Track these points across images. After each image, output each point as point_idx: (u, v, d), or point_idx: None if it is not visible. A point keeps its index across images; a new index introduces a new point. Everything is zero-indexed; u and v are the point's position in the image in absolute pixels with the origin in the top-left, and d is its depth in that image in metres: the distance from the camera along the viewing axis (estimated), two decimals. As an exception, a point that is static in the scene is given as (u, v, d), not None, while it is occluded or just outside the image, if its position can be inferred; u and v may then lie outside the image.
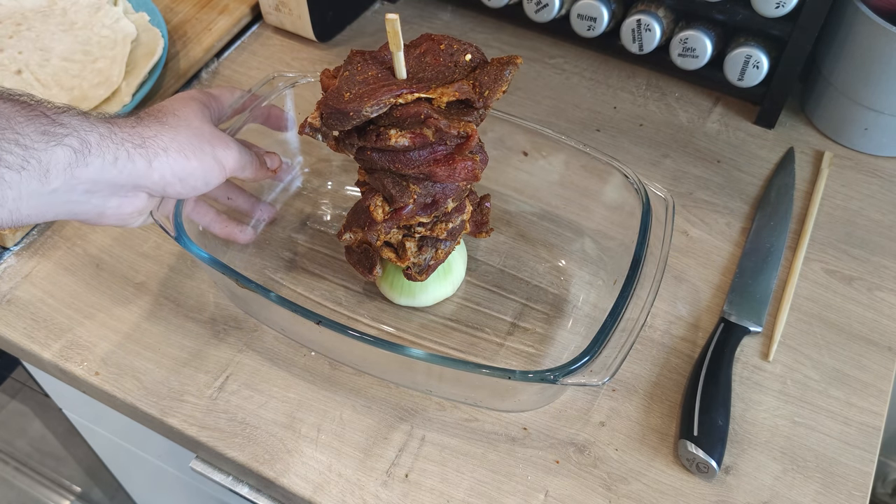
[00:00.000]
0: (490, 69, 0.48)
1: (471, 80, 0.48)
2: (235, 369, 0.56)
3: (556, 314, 0.59)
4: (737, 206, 0.66)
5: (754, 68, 0.67)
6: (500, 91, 0.47)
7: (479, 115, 0.48)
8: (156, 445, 0.77)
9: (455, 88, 0.46)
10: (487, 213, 0.58)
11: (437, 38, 0.49)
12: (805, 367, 0.57)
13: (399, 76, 0.47)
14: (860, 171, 0.69)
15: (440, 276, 0.57)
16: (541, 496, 0.51)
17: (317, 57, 0.78)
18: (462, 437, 0.53)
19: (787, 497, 0.51)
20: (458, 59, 0.48)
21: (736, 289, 0.60)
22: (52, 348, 0.57)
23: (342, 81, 0.47)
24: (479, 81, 0.47)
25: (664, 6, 0.70)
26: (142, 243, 0.63)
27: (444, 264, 0.57)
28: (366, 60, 0.48)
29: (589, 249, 0.61)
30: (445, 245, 0.54)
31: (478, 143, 0.51)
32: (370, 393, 0.55)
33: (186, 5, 0.80)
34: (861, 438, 0.53)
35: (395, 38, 0.45)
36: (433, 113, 0.46)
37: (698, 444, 0.50)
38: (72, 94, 0.66)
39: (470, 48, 0.49)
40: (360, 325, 0.58)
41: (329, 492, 0.51)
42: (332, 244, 0.63)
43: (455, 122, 0.46)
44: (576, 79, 0.77)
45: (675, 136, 0.72)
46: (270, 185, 0.64)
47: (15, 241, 0.62)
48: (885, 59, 0.63)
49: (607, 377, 0.46)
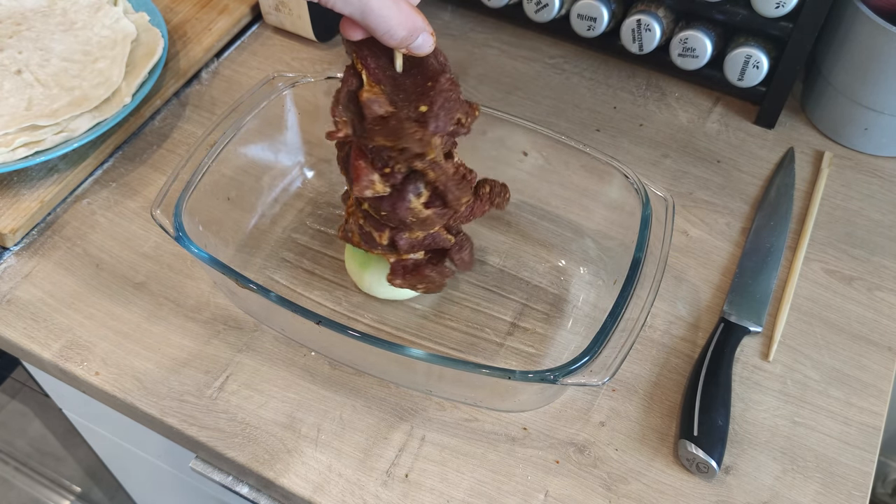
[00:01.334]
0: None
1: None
2: (235, 369, 0.56)
3: (556, 314, 0.59)
4: (737, 206, 0.66)
5: (754, 68, 0.67)
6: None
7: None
8: (155, 445, 0.77)
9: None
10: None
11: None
12: (805, 367, 0.57)
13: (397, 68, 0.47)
14: (860, 171, 0.69)
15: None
16: (541, 496, 0.51)
17: (317, 57, 0.78)
18: (462, 437, 0.53)
19: (787, 497, 0.51)
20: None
21: (736, 289, 0.60)
22: (52, 348, 0.57)
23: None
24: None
25: (664, 6, 0.70)
26: (142, 243, 0.63)
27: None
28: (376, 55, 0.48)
29: (589, 249, 0.61)
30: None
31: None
32: (370, 393, 0.55)
33: (186, 5, 0.80)
34: (861, 438, 0.53)
35: None
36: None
37: (698, 444, 0.50)
38: (72, 94, 0.66)
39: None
40: (360, 325, 0.58)
41: (329, 492, 0.51)
42: (332, 244, 0.63)
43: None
44: (576, 79, 0.77)
45: (675, 136, 0.72)
46: (271, 184, 0.64)
47: (15, 241, 0.62)
48: (885, 59, 0.63)
49: (607, 377, 0.46)
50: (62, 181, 0.65)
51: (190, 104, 0.73)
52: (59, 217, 0.65)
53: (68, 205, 0.65)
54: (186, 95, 0.74)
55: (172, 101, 0.73)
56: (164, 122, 0.72)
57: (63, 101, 0.66)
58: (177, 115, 0.72)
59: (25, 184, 0.64)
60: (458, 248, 0.55)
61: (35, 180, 0.65)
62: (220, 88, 0.75)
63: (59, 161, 0.66)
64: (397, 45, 0.43)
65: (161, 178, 0.67)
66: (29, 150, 0.63)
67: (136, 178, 0.67)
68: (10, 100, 0.66)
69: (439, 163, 0.47)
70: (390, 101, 0.46)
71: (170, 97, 0.73)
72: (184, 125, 0.71)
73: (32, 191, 0.64)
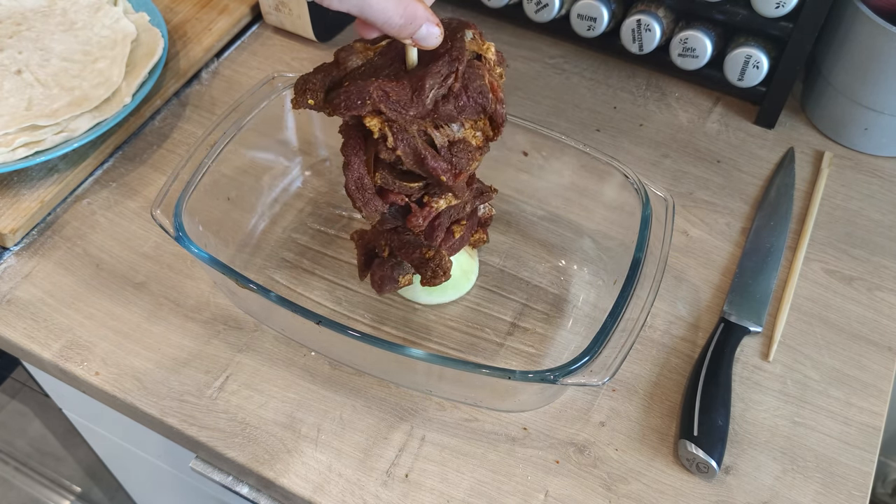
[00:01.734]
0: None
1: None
2: (235, 369, 0.56)
3: (556, 314, 0.59)
4: (737, 206, 0.66)
5: (754, 68, 0.67)
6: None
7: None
8: (155, 445, 0.77)
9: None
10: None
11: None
12: (805, 367, 0.57)
13: (409, 63, 0.46)
14: (860, 171, 0.69)
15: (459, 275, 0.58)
16: (541, 496, 0.51)
17: (317, 57, 0.78)
18: (462, 437, 0.53)
19: (787, 497, 0.51)
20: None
21: (736, 289, 0.60)
22: (52, 348, 0.57)
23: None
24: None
25: (664, 6, 0.70)
26: (142, 243, 0.63)
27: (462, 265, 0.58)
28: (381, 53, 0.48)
29: (589, 249, 0.61)
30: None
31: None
32: (370, 393, 0.55)
33: (186, 5, 0.80)
34: (861, 438, 0.53)
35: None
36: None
37: (698, 444, 0.50)
38: (72, 95, 0.66)
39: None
40: (360, 325, 0.58)
41: (329, 492, 0.51)
42: (333, 244, 0.63)
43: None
44: (576, 79, 0.77)
45: (675, 136, 0.72)
46: (271, 184, 0.64)
47: (15, 241, 0.62)
48: (885, 59, 0.63)
49: (607, 377, 0.46)
50: (62, 181, 0.65)
51: (190, 104, 0.73)
52: (59, 217, 0.65)
53: (68, 205, 0.65)
54: (186, 95, 0.74)
55: (172, 101, 0.73)
56: (164, 122, 0.72)
57: (63, 101, 0.66)
58: (177, 115, 0.72)
59: (25, 184, 0.64)
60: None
61: (35, 180, 0.65)
62: (220, 88, 0.75)
63: (59, 161, 0.66)
64: (397, 33, 0.43)
65: (161, 178, 0.67)
66: (29, 150, 0.63)
67: (136, 178, 0.67)
68: (10, 100, 0.66)
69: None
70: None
71: (170, 97, 0.73)
72: (184, 125, 0.71)
73: (32, 191, 0.64)
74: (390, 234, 0.53)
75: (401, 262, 0.55)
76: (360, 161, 0.47)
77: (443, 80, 0.45)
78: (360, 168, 0.47)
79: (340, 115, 0.45)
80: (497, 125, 0.47)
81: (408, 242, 0.53)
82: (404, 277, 0.55)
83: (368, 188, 0.48)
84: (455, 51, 0.45)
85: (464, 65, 0.46)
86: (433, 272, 0.52)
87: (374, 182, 0.48)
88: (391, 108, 0.44)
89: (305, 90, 0.47)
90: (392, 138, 0.45)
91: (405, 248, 0.53)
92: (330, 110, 0.46)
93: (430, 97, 0.45)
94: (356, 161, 0.47)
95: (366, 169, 0.48)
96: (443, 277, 0.52)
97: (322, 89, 0.46)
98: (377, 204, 0.48)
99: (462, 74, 0.46)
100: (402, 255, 0.53)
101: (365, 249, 0.57)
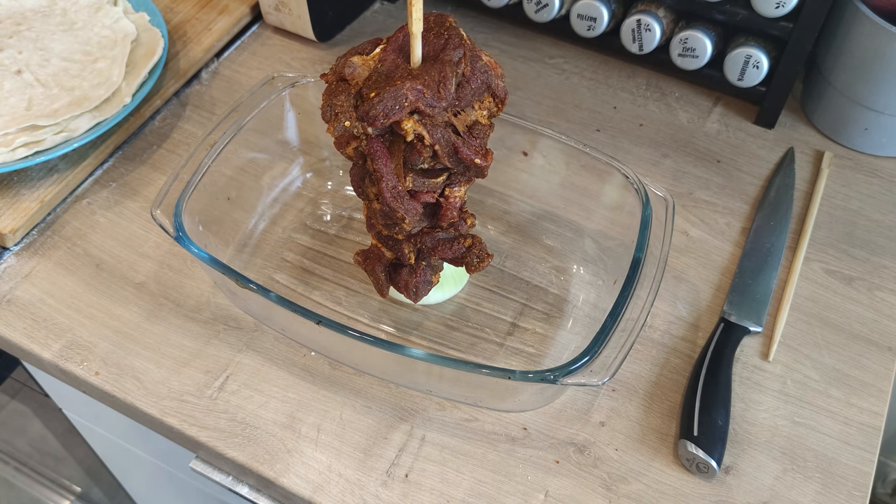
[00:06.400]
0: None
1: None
2: (235, 369, 0.56)
3: (556, 314, 0.59)
4: (737, 206, 0.66)
5: (754, 68, 0.67)
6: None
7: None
8: (155, 445, 0.77)
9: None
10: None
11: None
12: (805, 367, 0.57)
13: (414, 62, 0.46)
14: (860, 171, 0.69)
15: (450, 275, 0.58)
16: (541, 496, 0.51)
17: (317, 57, 0.78)
18: (462, 437, 0.53)
19: (787, 497, 0.51)
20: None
21: (736, 289, 0.60)
22: (52, 348, 0.57)
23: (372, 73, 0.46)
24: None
25: (664, 6, 0.70)
26: (142, 243, 0.63)
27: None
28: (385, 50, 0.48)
29: (589, 249, 0.61)
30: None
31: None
32: (370, 393, 0.55)
33: (186, 5, 0.80)
34: (861, 438, 0.53)
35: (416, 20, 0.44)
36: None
37: (698, 444, 0.50)
38: (72, 95, 0.66)
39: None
40: (360, 325, 0.58)
41: (329, 492, 0.51)
42: (332, 244, 0.63)
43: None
44: (576, 79, 0.77)
45: (675, 136, 0.72)
46: (271, 184, 0.64)
47: (15, 241, 0.62)
48: (885, 59, 0.63)
49: (607, 377, 0.46)
50: (62, 181, 0.65)
51: (190, 104, 0.73)
52: (59, 217, 0.65)
53: (68, 205, 0.65)
54: (186, 95, 0.74)
55: (172, 101, 0.73)
56: (164, 122, 0.72)
57: (63, 101, 0.66)
58: (177, 115, 0.72)
59: (25, 184, 0.64)
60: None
61: (35, 180, 0.65)
62: (220, 88, 0.75)
63: (59, 161, 0.66)
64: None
65: (161, 178, 0.67)
66: (29, 150, 0.63)
67: (136, 178, 0.67)
68: (10, 100, 0.66)
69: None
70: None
71: (170, 97, 0.73)
72: (184, 125, 0.71)
73: (32, 191, 0.64)
74: (416, 238, 0.52)
75: (430, 263, 0.54)
76: (390, 171, 0.47)
77: (455, 67, 0.45)
78: (392, 177, 0.47)
79: (378, 126, 0.45)
80: (501, 100, 0.48)
81: (442, 240, 0.52)
82: (435, 277, 0.55)
83: (404, 195, 0.48)
84: (455, 37, 0.46)
85: (469, 48, 0.46)
86: (478, 257, 0.52)
87: (405, 187, 0.48)
88: (428, 105, 0.45)
89: (337, 115, 0.46)
90: (428, 136, 0.45)
91: (440, 245, 0.52)
92: (366, 124, 0.46)
93: (454, 86, 0.45)
94: (387, 171, 0.47)
95: (396, 177, 0.47)
96: (488, 259, 0.53)
97: (351, 108, 0.46)
98: (416, 208, 0.48)
99: (469, 58, 0.46)
100: (438, 254, 0.52)
101: (383, 265, 0.55)
